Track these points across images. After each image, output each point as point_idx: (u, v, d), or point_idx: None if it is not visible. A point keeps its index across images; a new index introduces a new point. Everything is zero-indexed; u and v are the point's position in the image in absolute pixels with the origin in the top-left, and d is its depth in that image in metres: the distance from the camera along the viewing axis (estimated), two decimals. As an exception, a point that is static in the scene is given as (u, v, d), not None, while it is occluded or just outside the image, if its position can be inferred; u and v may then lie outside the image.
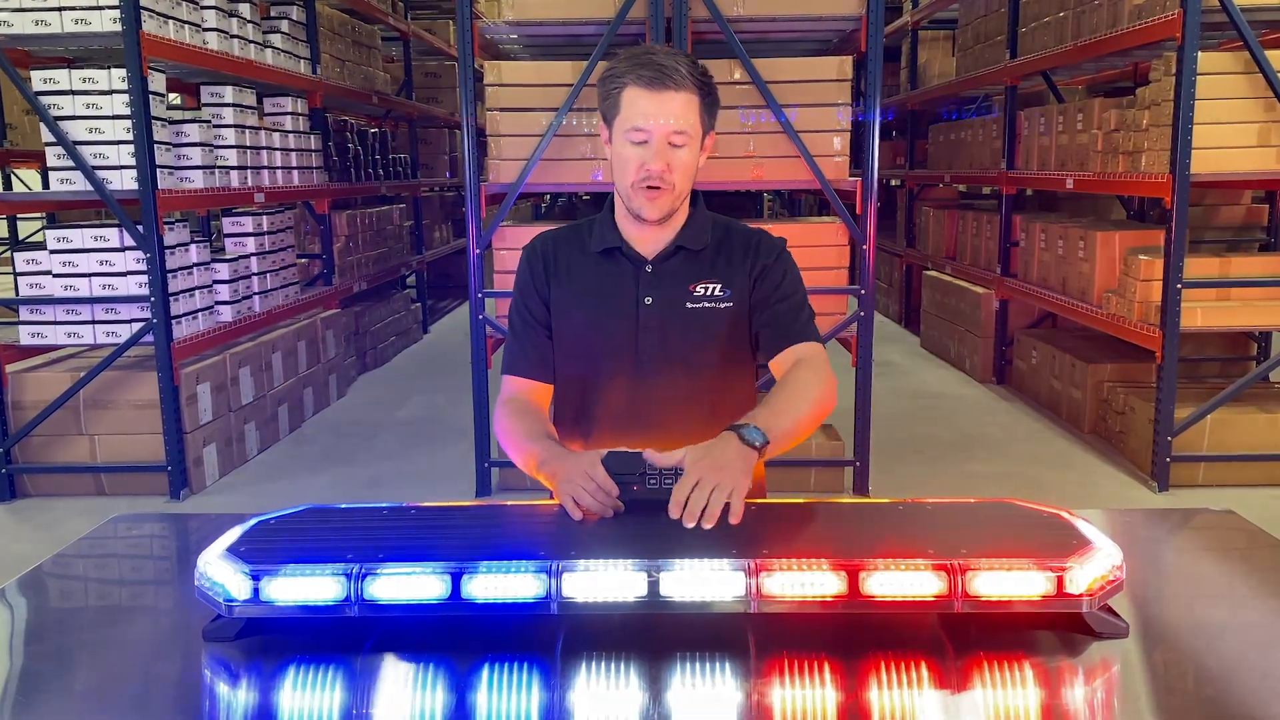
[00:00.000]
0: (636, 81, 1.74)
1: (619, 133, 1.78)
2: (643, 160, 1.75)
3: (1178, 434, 4.54)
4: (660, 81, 1.72)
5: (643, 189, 1.77)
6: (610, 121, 1.80)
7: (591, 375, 1.89)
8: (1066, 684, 1.26)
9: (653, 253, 1.87)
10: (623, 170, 1.79)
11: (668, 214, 1.82)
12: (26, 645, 1.43)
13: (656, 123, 1.73)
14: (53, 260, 4.56)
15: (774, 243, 1.92)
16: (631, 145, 1.76)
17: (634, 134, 1.75)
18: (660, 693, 1.24)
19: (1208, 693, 1.26)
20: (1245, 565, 1.70)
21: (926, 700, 1.23)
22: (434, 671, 1.29)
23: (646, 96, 1.73)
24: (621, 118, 1.76)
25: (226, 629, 1.34)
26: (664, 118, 1.73)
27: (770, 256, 1.89)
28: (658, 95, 1.73)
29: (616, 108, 1.77)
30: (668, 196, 1.78)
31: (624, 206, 1.85)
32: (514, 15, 4.33)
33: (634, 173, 1.76)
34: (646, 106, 1.73)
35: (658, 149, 1.74)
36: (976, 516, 1.52)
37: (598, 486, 1.53)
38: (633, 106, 1.74)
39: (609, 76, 1.79)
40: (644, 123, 1.73)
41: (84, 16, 4.37)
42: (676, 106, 1.74)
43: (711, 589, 1.31)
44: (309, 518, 1.51)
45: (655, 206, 1.79)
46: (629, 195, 1.79)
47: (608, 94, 1.79)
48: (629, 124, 1.75)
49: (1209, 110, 4.34)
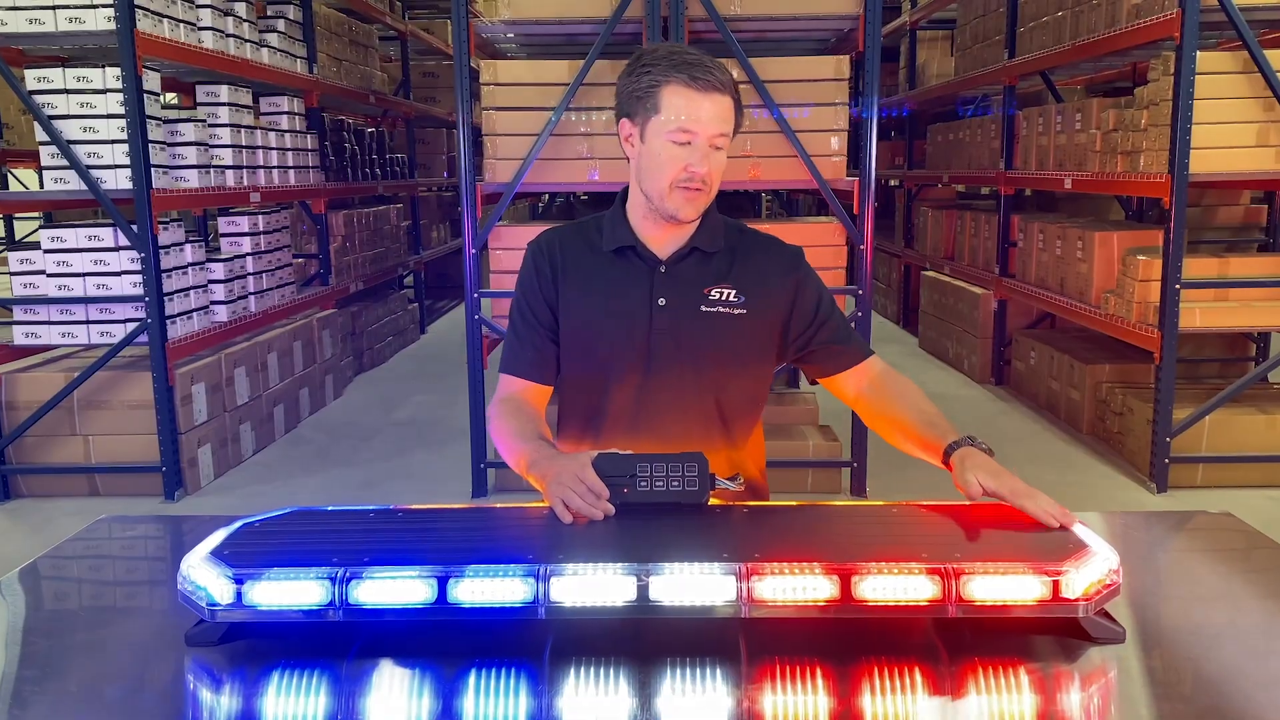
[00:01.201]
0: (682, 81, 1.70)
1: (658, 132, 1.73)
2: (688, 162, 1.72)
3: (1176, 435, 4.52)
4: (707, 83, 1.69)
5: (682, 189, 1.73)
6: (643, 119, 1.75)
7: (600, 376, 1.87)
8: (1062, 690, 1.24)
9: (667, 253, 1.84)
10: (659, 170, 1.74)
11: (700, 215, 1.81)
12: (5, 648, 1.41)
13: (704, 125, 1.70)
14: (47, 260, 4.54)
15: (793, 251, 1.91)
16: (674, 145, 1.72)
17: (679, 134, 1.71)
18: (650, 699, 1.21)
19: (1206, 700, 1.24)
20: (1243, 568, 1.68)
21: (921, 707, 1.21)
22: (420, 677, 1.27)
23: (695, 97, 1.70)
24: (663, 117, 1.72)
25: (209, 634, 1.32)
26: (712, 120, 1.71)
27: (796, 272, 1.88)
28: (707, 97, 1.70)
29: (655, 107, 1.72)
30: (705, 198, 1.77)
31: (645, 206, 1.81)
32: (510, 14, 4.32)
33: (676, 173, 1.73)
34: (696, 109, 1.70)
35: (703, 151, 1.72)
36: (972, 519, 1.50)
37: (587, 489, 1.50)
38: (679, 107, 1.70)
39: (641, 72, 1.74)
40: (692, 124, 1.70)
41: (78, 15, 4.35)
42: (723, 110, 1.72)
43: (702, 593, 1.29)
44: (294, 520, 1.49)
45: (694, 207, 1.76)
46: (663, 195, 1.75)
47: (643, 91, 1.74)
48: (674, 124, 1.71)
49: (1208, 110, 4.32)
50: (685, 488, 1.53)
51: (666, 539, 1.40)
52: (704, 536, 1.42)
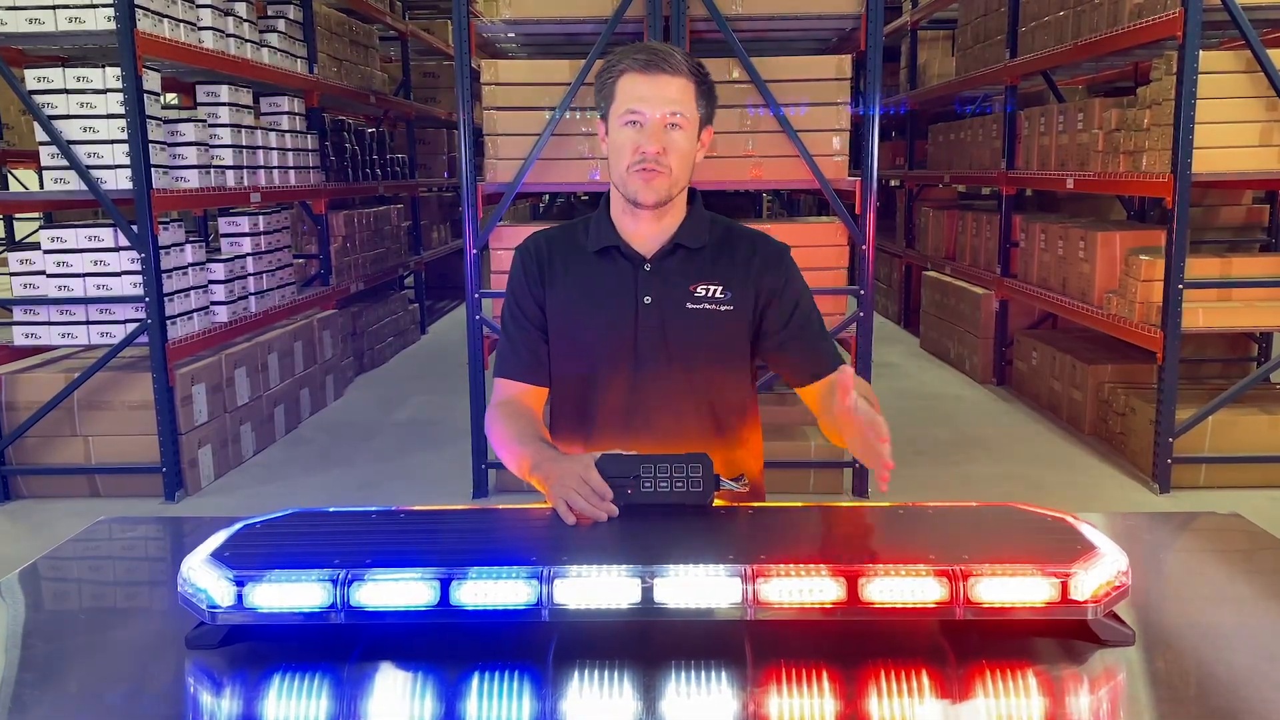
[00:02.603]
0: (631, 66, 1.73)
1: (614, 119, 1.76)
2: (638, 143, 1.73)
3: (1179, 435, 4.51)
4: (655, 65, 1.72)
5: (638, 171, 1.74)
6: (606, 112, 1.78)
7: (589, 375, 1.86)
8: (1071, 693, 1.23)
9: (651, 251, 1.84)
10: (618, 155, 1.76)
11: (664, 199, 1.78)
12: (5, 651, 1.40)
13: (652, 105, 1.72)
14: (47, 260, 4.53)
15: (778, 249, 1.89)
16: (627, 129, 1.74)
17: (628, 115, 1.73)
18: (654, 702, 1.20)
19: (1215, 703, 1.22)
20: (1252, 569, 1.67)
21: (927, 710, 1.20)
22: (423, 680, 1.26)
23: (642, 80, 1.72)
24: (616, 104, 1.75)
25: (210, 636, 1.31)
26: (659, 100, 1.72)
27: (778, 269, 1.86)
28: (653, 78, 1.72)
29: (612, 96, 1.76)
30: (664, 180, 1.75)
31: (621, 199, 1.82)
32: (511, 14, 4.31)
33: (629, 155, 1.74)
34: (642, 90, 1.72)
35: (653, 130, 1.73)
36: (978, 521, 1.49)
37: (591, 490, 1.50)
38: (628, 91, 1.73)
39: (604, 70, 1.78)
40: (639, 105, 1.72)
41: (78, 15, 4.34)
42: (672, 90, 1.72)
43: (707, 595, 1.28)
44: (295, 522, 1.48)
45: (651, 189, 1.75)
46: (624, 180, 1.77)
47: (603, 86, 1.78)
48: (624, 107, 1.74)
49: (1210, 110, 4.31)
50: (690, 489, 1.52)
51: (671, 540, 1.38)
52: (709, 538, 1.41)
